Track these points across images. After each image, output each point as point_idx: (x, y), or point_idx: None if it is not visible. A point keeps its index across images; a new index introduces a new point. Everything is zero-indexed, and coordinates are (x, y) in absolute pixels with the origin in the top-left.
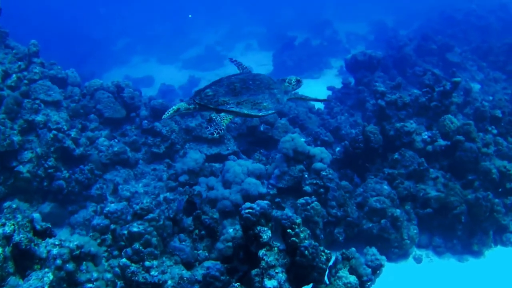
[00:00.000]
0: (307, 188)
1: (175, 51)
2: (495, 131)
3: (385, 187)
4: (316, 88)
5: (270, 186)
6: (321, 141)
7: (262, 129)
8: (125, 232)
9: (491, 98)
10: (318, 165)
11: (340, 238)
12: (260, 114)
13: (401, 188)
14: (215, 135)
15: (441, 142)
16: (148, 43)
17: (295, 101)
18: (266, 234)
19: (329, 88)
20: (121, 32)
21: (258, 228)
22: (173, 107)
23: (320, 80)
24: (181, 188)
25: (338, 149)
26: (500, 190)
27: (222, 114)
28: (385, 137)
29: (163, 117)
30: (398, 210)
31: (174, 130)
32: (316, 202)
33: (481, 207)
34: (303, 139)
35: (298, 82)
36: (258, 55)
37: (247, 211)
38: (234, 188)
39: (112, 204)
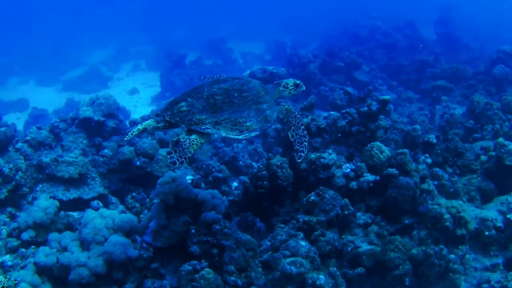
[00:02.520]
0: (195, 249)
1: (56, 72)
2: (429, 161)
3: (302, 243)
4: None
5: (144, 245)
6: (213, 177)
7: (138, 163)
8: None
9: (406, 119)
10: (209, 215)
11: None
12: (240, 137)
13: (323, 242)
14: (177, 164)
15: (369, 177)
16: (28, 63)
17: None
18: None
19: None
20: None
21: None
22: (138, 126)
23: None
24: (23, 249)
25: (235, 184)
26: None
27: (193, 136)
28: (295, 172)
29: (125, 139)
30: (321, 277)
31: (20, 168)
32: (207, 269)
33: (433, 267)
34: (189, 177)
35: (297, 87)
36: (146, 75)
37: None
38: (95, 249)
39: None
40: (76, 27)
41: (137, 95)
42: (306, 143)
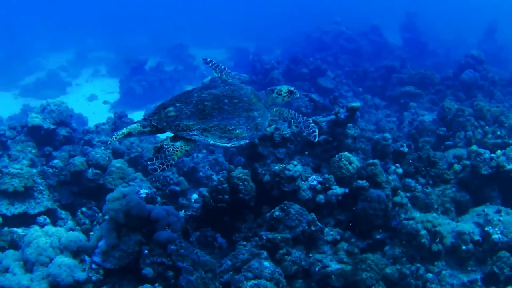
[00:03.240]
0: (148, 271)
1: (13, 77)
2: (400, 171)
3: (266, 263)
4: None
5: (93, 267)
6: (170, 191)
7: (90, 176)
8: None
9: (373, 127)
10: (163, 235)
11: None
12: (229, 145)
13: (288, 261)
14: (158, 171)
15: (337, 190)
16: None
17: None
18: None
19: None
20: None
21: None
22: (123, 130)
23: None
24: None
25: (195, 196)
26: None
27: (178, 143)
28: (258, 184)
29: (108, 142)
30: None
31: None
32: None
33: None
34: (144, 191)
35: (291, 94)
36: (106, 81)
37: None
38: (39, 271)
39: None
40: (32, 28)
41: (96, 102)
42: (312, 124)
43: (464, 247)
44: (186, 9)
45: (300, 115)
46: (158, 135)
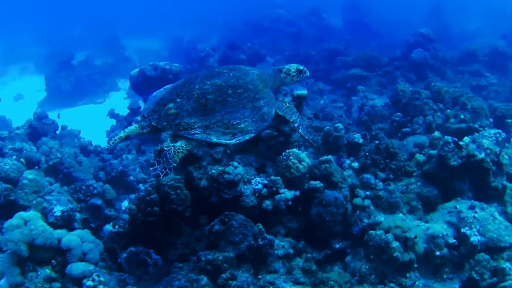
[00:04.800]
0: None
1: None
2: (355, 165)
3: None
4: (98, 116)
5: None
6: (91, 205)
7: None
8: None
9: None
10: (77, 268)
11: None
12: (233, 141)
13: (234, 287)
14: (161, 176)
15: (286, 193)
16: None
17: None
18: None
19: (112, 116)
20: None
21: None
22: (120, 133)
23: (105, 106)
24: None
25: (125, 204)
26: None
27: (179, 143)
28: (194, 192)
29: (106, 147)
30: None
31: None
32: None
33: None
34: (58, 209)
35: (300, 72)
36: (34, 79)
37: None
38: None
39: None
40: None
41: (23, 101)
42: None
43: (438, 253)
44: None
45: (305, 127)
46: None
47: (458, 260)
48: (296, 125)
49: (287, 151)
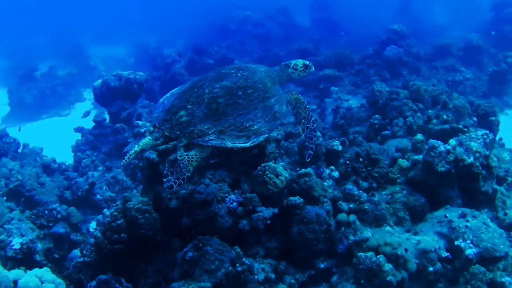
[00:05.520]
0: None
1: None
2: (336, 174)
3: None
4: (64, 129)
5: None
6: (52, 234)
7: None
8: None
9: (292, 119)
10: None
11: None
12: (248, 144)
13: None
14: (175, 187)
15: (264, 212)
16: None
17: None
18: None
19: (76, 130)
20: None
21: None
22: (135, 147)
23: (71, 118)
24: None
25: (93, 225)
26: None
27: (192, 152)
28: (165, 213)
29: (121, 164)
30: None
31: None
32: None
33: None
34: (17, 242)
35: (306, 68)
36: None
37: None
38: None
39: None
40: None
41: None
42: (315, 139)
43: (431, 269)
44: (86, 4)
45: (312, 120)
46: None
47: (453, 274)
48: (301, 118)
49: (263, 165)
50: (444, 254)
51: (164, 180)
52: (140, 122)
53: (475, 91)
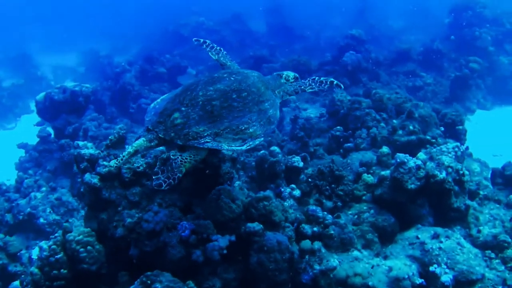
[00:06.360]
0: None
1: None
2: (297, 193)
3: None
4: (8, 144)
5: None
6: None
7: None
8: None
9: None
10: None
11: None
12: (244, 147)
13: None
14: (164, 186)
15: (220, 241)
16: None
17: None
18: None
19: (20, 146)
20: None
21: None
22: (129, 149)
23: (17, 131)
24: None
25: (36, 252)
26: None
27: (186, 153)
28: (109, 242)
29: (113, 165)
30: None
31: None
32: None
33: None
34: None
35: (296, 79)
36: None
37: None
38: None
39: None
40: None
41: None
42: (321, 78)
43: None
44: (34, 11)
45: (303, 80)
46: None
47: None
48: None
49: (217, 188)
50: (418, 281)
51: (153, 177)
52: (80, 143)
53: (436, 97)
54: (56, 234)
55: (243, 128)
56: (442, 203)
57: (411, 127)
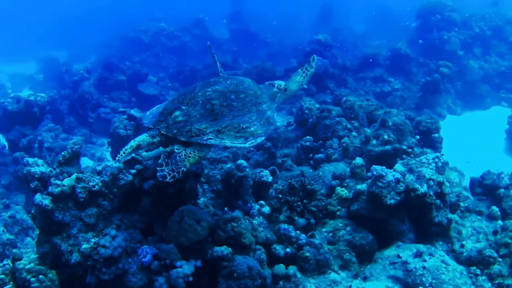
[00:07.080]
0: None
1: None
2: (266, 210)
3: None
4: None
5: None
6: None
7: None
8: None
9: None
10: None
11: None
12: (246, 144)
13: None
14: (168, 178)
15: (184, 268)
16: None
17: None
18: None
19: None
20: None
21: None
22: (131, 143)
23: None
24: None
25: None
26: None
27: (190, 149)
28: (64, 269)
29: (116, 158)
30: None
31: None
32: None
33: None
34: None
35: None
36: None
37: None
38: None
39: None
40: None
41: None
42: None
43: None
44: None
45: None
46: None
47: None
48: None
49: (180, 208)
50: None
51: (158, 169)
52: (30, 160)
53: (405, 102)
54: (4, 262)
55: (244, 126)
56: (423, 218)
57: (385, 137)
